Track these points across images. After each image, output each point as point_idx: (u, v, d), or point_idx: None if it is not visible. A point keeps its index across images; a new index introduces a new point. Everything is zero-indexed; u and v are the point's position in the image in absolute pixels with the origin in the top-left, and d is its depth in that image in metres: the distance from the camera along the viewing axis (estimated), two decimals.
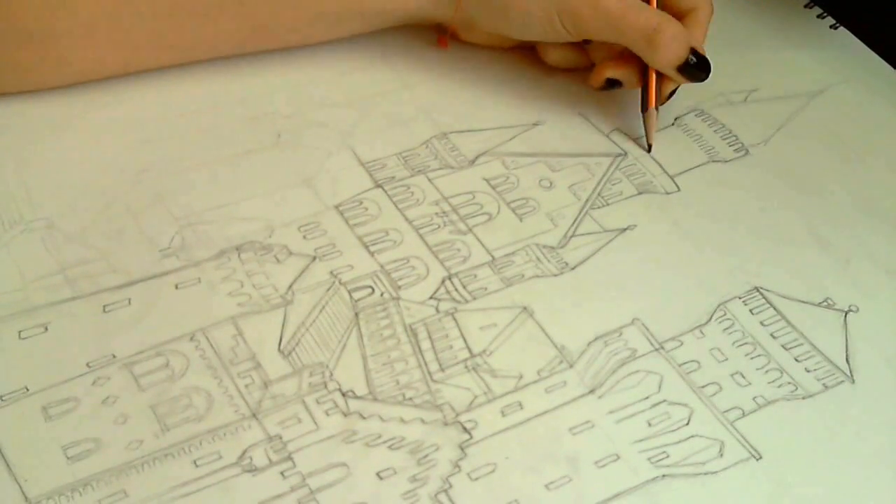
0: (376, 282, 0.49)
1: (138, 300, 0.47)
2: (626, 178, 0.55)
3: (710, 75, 0.55)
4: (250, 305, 0.48)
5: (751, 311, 0.50)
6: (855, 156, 0.58)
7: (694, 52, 0.55)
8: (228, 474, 0.42)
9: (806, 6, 0.67)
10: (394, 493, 0.42)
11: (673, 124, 0.59)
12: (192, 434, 0.43)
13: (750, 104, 0.60)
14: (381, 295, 0.49)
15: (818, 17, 0.66)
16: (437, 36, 0.60)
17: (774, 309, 0.50)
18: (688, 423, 0.45)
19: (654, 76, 0.56)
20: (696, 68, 0.55)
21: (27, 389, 0.44)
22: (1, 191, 0.51)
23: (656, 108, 0.56)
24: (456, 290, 0.49)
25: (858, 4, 0.66)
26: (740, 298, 0.50)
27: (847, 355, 0.49)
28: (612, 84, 0.57)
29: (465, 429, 0.44)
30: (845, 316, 0.50)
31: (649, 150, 0.57)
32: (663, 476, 0.44)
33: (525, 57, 0.60)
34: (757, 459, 0.45)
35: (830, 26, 0.65)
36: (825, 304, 0.51)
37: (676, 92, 0.57)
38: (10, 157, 0.52)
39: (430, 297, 0.49)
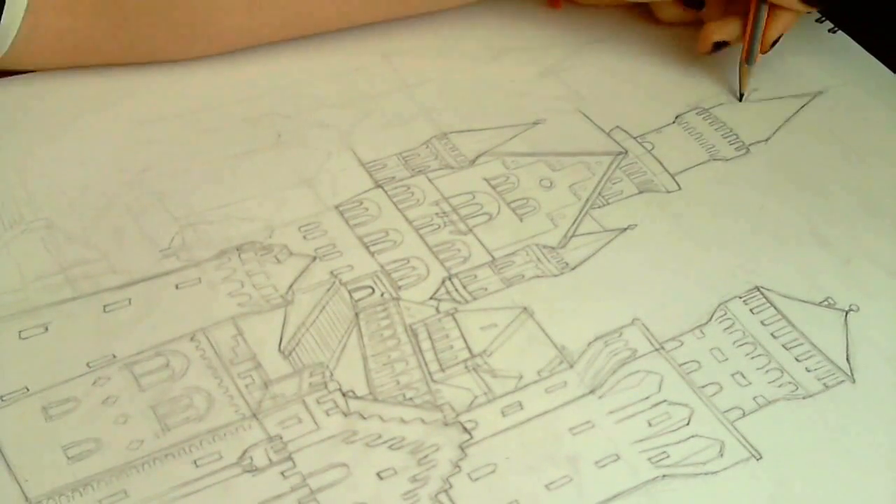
0: (376, 282, 0.49)
1: (139, 300, 0.47)
2: (627, 176, 0.55)
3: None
4: (251, 305, 0.48)
5: (751, 310, 0.50)
6: (855, 155, 0.58)
7: None
8: (229, 474, 0.42)
9: None
10: (394, 493, 0.42)
11: (674, 122, 0.58)
12: (193, 434, 0.43)
13: (750, 103, 0.60)
14: (382, 295, 0.49)
15: (816, 21, 0.66)
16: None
17: (775, 308, 0.50)
18: (688, 423, 0.45)
19: (752, 30, 0.57)
20: (826, 2, 0.55)
21: (27, 389, 0.44)
22: (1, 191, 0.51)
23: (751, 63, 0.58)
24: (456, 290, 0.49)
25: (856, 8, 0.66)
26: (741, 298, 0.50)
27: (847, 355, 0.49)
28: (720, 46, 0.58)
29: (465, 429, 0.44)
30: (846, 315, 0.50)
31: (740, 99, 0.59)
32: (663, 476, 0.44)
33: (525, 56, 0.60)
34: (757, 459, 0.45)
35: (829, 30, 0.65)
36: (826, 303, 0.50)
37: (780, 40, 0.58)
38: (11, 157, 0.52)
39: (431, 298, 0.49)
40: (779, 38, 0.58)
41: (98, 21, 0.53)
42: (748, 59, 0.58)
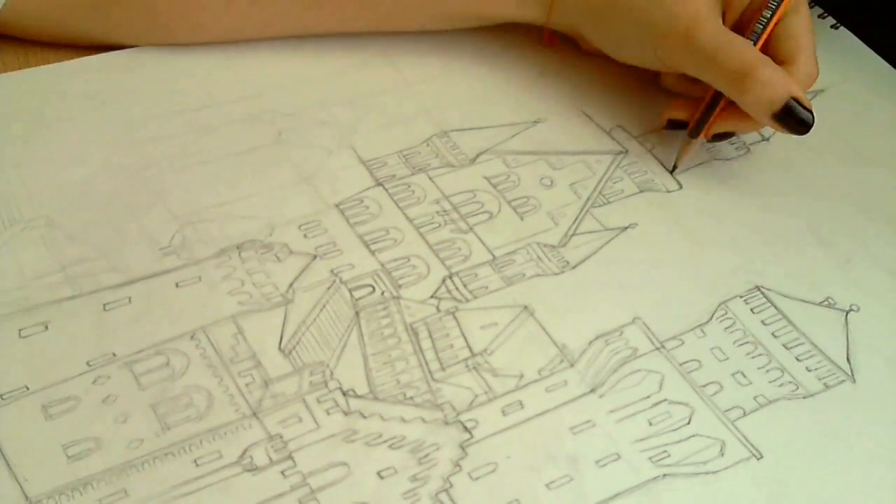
0: (377, 280, 0.49)
1: (139, 299, 0.47)
2: (628, 176, 0.55)
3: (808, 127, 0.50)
4: (251, 304, 0.48)
5: (752, 310, 0.50)
6: (856, 155, 0.58)
7: (795, 100, 0.50)
8: (229, 473, 0.42)
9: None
10: (394, 492, 0.42)
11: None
12: (193, 433, 0.43)
13: None
14: (382, 294, 0.49)
15: (819, 17, 0.66)
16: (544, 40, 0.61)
17: (775, 308, 0.50)
18: (689, 423, 0.45)
19: (705, 106, 0.53)
20: (794, 119, 0.50)
21: (27, 388, 0.44)
22: (1, 189, 0.51)
23: (695, 137, 0.54)
24: (457, 288, 0.49)
25: (859, 5, 0.66)
26: (741, 297, 0.50)
27: (848, 355, 0.49)
28: (676, 125, 0.55)
29: (465, 428, 0.44)
30: (846, 315, 0.50)
31: (672, 171, 0.55)
32: (664, 475, 0.44)
33: (525, 55, 0.60)
34: (758, 459, 0.45)
35: (831, 26, 0.65)
36: (826, 303, 0.50)
37: (733, 137, 0.54)
38: (10, 155, 0.52)
39: (431, 296, 0.49)
40: (725, 134, 0.54)
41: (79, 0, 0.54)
42: (693, 132, 0.54)
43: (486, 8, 0.57)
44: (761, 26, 0.52)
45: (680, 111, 0.55)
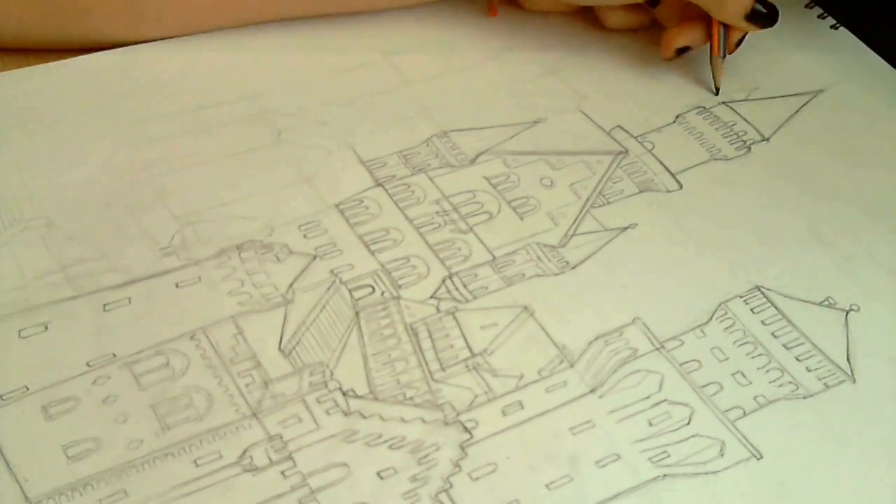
0: (377, 281, 0.49)
1: (138, 299, 0.47)
2: (628, 176, 0.55)
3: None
4: (251, 304, 0.48)
5: (752, 310, 0.50)
6: (856, 154, 0.58)
7: (759, 0, 0.57)
8: (229, 474, 0.42)
9: (807, 6, 0.67)
10: (394, 492, 0.42)
11: (674, 122, 0.58)
12: (193, 433, 0.43)
13: (751, 102, 0.60)
14: (382, 294, 0.49)
15: (819, 17, 0.66)
16: (489, 9, 0.61)
17: (775, 308, 0.50)
18: (689, 423, 0.45)
19: (719, 28, 0.58)
20: (764, 16, 0.57)
21: (27, 388, 0.44)
22: (1, 189, 0.51)
23: (723, 57, 0.59)
24: (456, 289, 0.49)
25: (859, 5, 0.66)
26: (741, 297, 0.50)
27: (848, 355, 0.48)
28: (682, 51, 0.59)
29: (465, 428, 0.44)
30: (846, 315, 0.50)
31: (717, 93, 0.60)
32: (664, 476, 0.44)
33: (525, 55, 0.60)
34: (758, 459, 0.44)
35: (831, 26, 0.65)
36: (826, 303, 0.50)
37: (745, 40, 0.59)
38: (10, 155, 0.52)
39: (431, 297, 0.49)
40: (743, 37, 0.59)
41: (30, 3, 0.54)
42: (719, 53, 0.59)
43: None
44: None
45: (683, 38, 0.59)
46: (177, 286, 0.48)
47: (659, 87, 0.60)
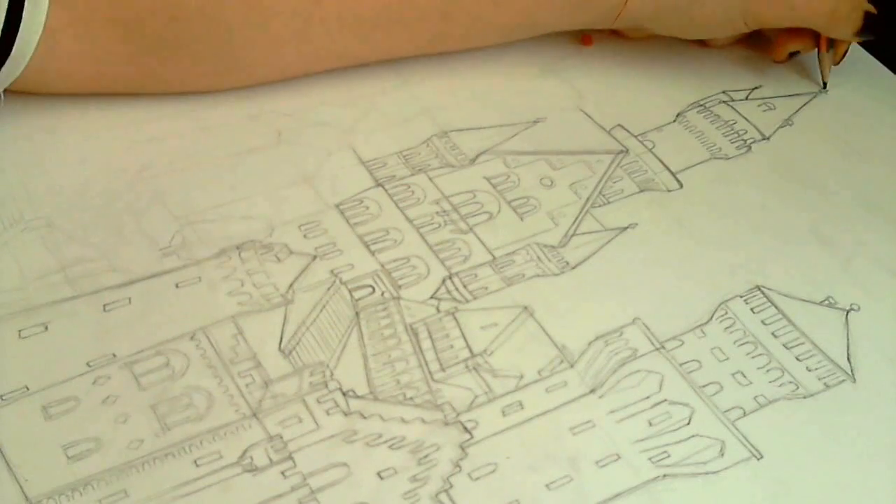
0: (377, 281, 0.49)
1: (139, 299, 0.47)
2: (628, 175, 0.55)
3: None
4: (251, 304, 0.48)
5: (752, 309, 0.50)
6: (856, 154, 0.58)
7: (868, 15, 0.57)
8: (229, 474, 0.42)
9: None
10: (394, 492, 0.42)
11: (675, 121, 0.58)
12: (193, 433, 0.43)
13: (752, 102, 0.60)
14: (382, 294, 0.49)
15: None
16: (582, 41, 0.62)
17: (776, 308, 0.50)
18: (689, 423, 0.45)
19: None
20: (875, 29, 0.58)
21: (27, 389, 0.44)
22: (1, 189, 0.51)
23: (829, 50, 0.60)
24: (456, 289, 0.49)
25: None
26: (741, 297, 0.50)
27: (848, 354, 0.48)
28: (793, 55, 0.61)
29: (465, 428, 0.44)
30: (847, 315, 0.50)
31: (825, 87, 0.61)
32: (664, 476, 0.44)
33: (525, 55, 0.60)
34: (758, 459, 0.44)
35: None
36: (826, 302, 0.50)
37: (848, 51, 0.60)
38: (11, 156, 0.52)
39: (431, 297, 0.49)
40: (847, 49, 0.60)
41: (118, 47, 0.52)
42: (826, 49, 0.60)
43: (553, 18, 0.58)
44: None
45: (794, 44, 0.60)
46: (177, 286, 0.48)
47: (659, 86, 0.60)
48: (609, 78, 0.60)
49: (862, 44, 0.61)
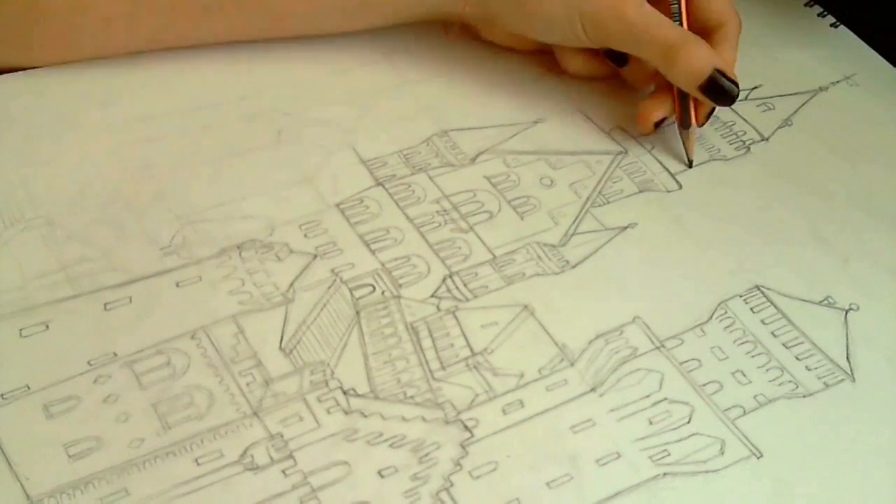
0: (377, 280, 0.49)
1: (139, 298, 0.47)
2: (627, 175, 0.55)
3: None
4: (251, 303, 0.48)
5: (751, 309, 0.50)
6: (856, 154, 0.58)
7: (719, 72, 0.53)
8: (230, 472, 0.42)
9: (806, 4, 0.67)
10: (395, 491, 0.42)
11: (673, 122, 0.58)
12: (194, 432, 0.43)
13: (751, 102, 0.60)
14: (383, 293, 0.49)
15: (819, 15, 0.66)
16: (444, 31, 0.60)
17: (775, 307, 0.50)
18: (689, 422, 0.45)
19: (681, 96, 0.55)
20: (719, 90, 0.53)
21: (28, 388, 0.44)
22: (1, 188, 0.51)
23: (686, 127, 0.55)
24: (457, 288, 0.49)
25: (859, 3, 0.66)
26: (741, 297, 0.50)
27: (848, 354, 0.49)
28: (660, 124, 0.56)
29: (466, 427, 0.44)
30: (846, 314, 0.50)
31: (690, 166, 0.56)
32: (664, 474, 0.44)
33: (527, 55, 0.60)
34: (758, 458, 0.45)
35: (831, 25, 0.65)
36: (826, 302, 0.51)
37: (714, 113, 0.56)
38: (11, 154, 0.52)
39: (432, 296, 0.49)
40: (712, 110, 0.56)
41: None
42: (682, 123, 0.55)
43: (400, 6, 0.56)
44: (676, 6, 0.55)
45: (658, 110, 0.56)
46: (177, 285, 0.48)
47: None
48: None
49: (862, 36, 0.59)
